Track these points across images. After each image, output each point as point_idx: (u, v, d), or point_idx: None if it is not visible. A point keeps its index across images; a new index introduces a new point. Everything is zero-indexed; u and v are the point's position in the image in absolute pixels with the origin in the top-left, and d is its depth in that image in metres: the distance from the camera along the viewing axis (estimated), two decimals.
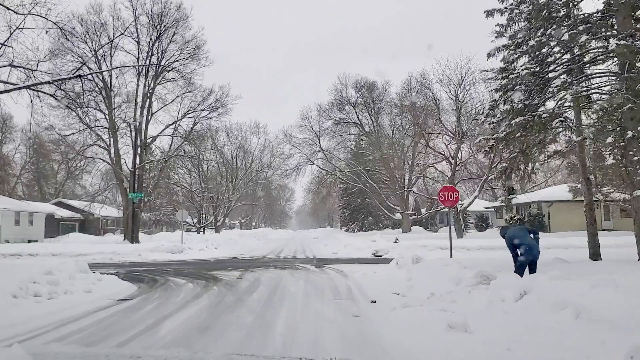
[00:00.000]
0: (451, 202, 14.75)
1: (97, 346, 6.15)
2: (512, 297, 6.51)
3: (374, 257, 23.07)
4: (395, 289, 10.63)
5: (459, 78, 30.43)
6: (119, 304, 9.67)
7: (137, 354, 4.39)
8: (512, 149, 11.69)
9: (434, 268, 10.65)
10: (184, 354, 4.27)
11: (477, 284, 7.95)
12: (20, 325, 7.38)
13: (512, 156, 11.79)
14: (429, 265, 11.06)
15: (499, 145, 11.72)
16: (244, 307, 8.89)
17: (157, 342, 6.27)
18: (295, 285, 12.20)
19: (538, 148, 11.78)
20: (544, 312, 5.71)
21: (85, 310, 8.68)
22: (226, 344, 6.19)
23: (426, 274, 10.61)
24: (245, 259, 22.75)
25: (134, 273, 16.69)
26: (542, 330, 5.35)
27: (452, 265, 10.29)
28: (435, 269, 10.54)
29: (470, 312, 6.66)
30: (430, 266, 10.96)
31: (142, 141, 34.55)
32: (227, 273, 15.53)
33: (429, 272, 10.60)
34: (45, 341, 6.43)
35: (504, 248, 23.52)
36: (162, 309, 8.91)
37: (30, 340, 6.40)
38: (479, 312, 6.57)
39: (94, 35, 33.23)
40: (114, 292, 11.63)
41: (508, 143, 11.26)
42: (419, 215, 44.83)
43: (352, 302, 9.44)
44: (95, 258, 23.20)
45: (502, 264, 8.98)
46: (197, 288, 11.93)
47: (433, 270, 10.51)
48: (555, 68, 10.22)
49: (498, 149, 12.18)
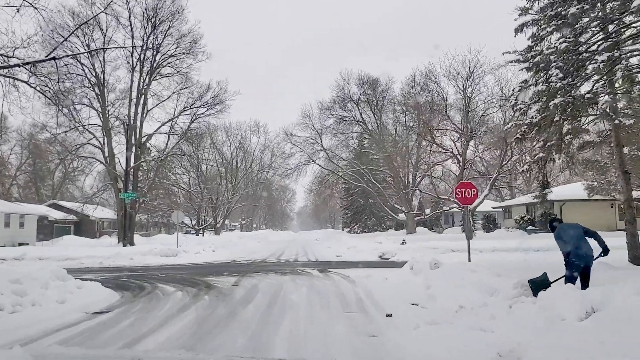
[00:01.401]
0: (469, 200, 13.35)
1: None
2: (575, 316, 5.10)
3: (380, 260, 21.63)
4: (413, 299, 9.22)
5: (467, 71, 29.06)
6: (91, 319, 8.27)
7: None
8: (547, 136, 10.28)
9: (457, 275, 9.23)
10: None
11: (518, 295, 6.53)
12: None
13: (548, 144, 10.35)
14: (451, 271, 9.64)
15: (531, 131, 10.31)
16: (237, 324, 7.48)
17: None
18: (297, 293, 10.79)
19: (573, 135, 10.36)
20: (628, 338, 4.29)
21: (46, 329, 7.27)
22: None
23: (448, 281, 9.18)
24: (244, 263, 21.34)
25: (121, 279, 15.33)
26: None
27: (480, 272, 8.87)
28: (458, 276, 9.12)
29: (519, 335, 5.24)
30: (452, 272, 9.54)
31: (136, 139, 33.15)
32: (222, 279, 14.12)
33: (452, 279, 9.18)
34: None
35: (519, 250, 22.41)
36: (139, 326, 7.50)
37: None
38: (532, 335, 5.15)
39: (86, 29, 31.82)
40: (92, 302, 10.25)
41: (542, 129, 9.86)
42: (425, 215, 43.34)
43: (364, 316, 8.03)
44: (84, 262, 21.86)
45: (532, 269, 7.56)
46: (186, 297, 10.53)
47: (456, 277, 9.09)
48: (597, 42, 8.84)
49: (529, 137, 10.76)
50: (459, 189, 13.38)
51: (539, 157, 10.95)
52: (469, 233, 29.07)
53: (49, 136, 33.61)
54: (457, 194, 13.35)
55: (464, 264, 11.08)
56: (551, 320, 5.27)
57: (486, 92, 29.71)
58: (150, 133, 34.46)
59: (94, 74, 32.60)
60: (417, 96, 36.69)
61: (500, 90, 28.41)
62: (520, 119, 10.78)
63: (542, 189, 12.82)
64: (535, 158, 11.15)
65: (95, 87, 32.68)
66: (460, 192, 13.33)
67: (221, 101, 35.47)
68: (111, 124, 32.92)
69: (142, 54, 32.69)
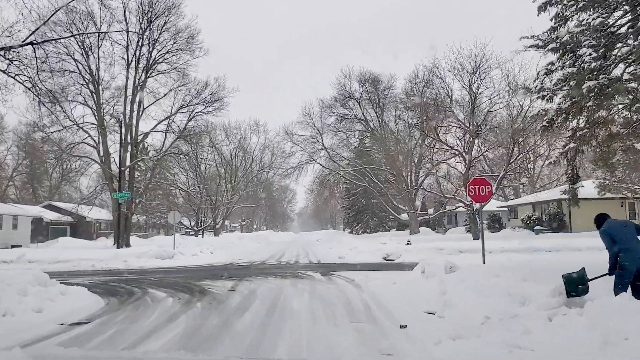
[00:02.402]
0: (483, 197, 12.39)
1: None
2: None
3: (385, 261, 20.67)
4: (427, 307, 8.27)
5: (472, 66, 28.07)
6: (66, 332, 7.33)
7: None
8: (577, 123, 9.32)
9: (477, 279, 8.27)
10: None
11: (558, 306, 5.58)
12: None
13: (580, 133, 9.40)
14: (469, 276, 8.68)
15: (558, 118, 9.35)
16: (229, 338, 6.53)
17: None
18: (298, 300, 9.84)
19: (605, 124, 9.40)
20: None
21: (7, 345, 6.30)
22: None
23: (466, 287, 8.23)
24: (242, 265, 20.39)
25: (111, 283, 14.40)
26: None
27: (504, 276, 7.90)
28: (478, 281, 8.16)
29: (567, 355, 4.29)
30: (471, 276, 8.58)
31: (132, 138, 32.20)
32: (217, 283, 13.17)
33: (471, 284, 8.22)
34: None
35: (530, 250, 21.42)
36: (118, 341, 6.55)
37: None
38: (586, 357, 4.19)
39: (80, 25, 30.92)
40: (73, 310, 9.34)
41: (571, 116, 8.91)
42: (431, 215, 42.36)
43: (374, 328, 7.08)
44: (75, 265, 20.93)
45: (561, 272, 6.58)
46: (177, 305, 9.58)
47: (476, 283, 8.13)
48: (628, 23, 7.91)
49: (555, 126, 9.77)
50: (473, 186, 12.42)
51: (569, 147, 9.97)
52: (475, 233, 28.09)
53: (42, 135, 32.57)
54: (471, 191, 12.39)
55: (478, 267, 10.11)
56: (608, 339, 4.32)
57: (492, 87, 28.76)
58: (147, 131, 33.54)
59: (89, 71, 31.69)
60: (420, 92, 35.71)
61: (507, 85, 27.46)
62: (545, 106, 9.81)
63: (572, 184, 11.84)
64: (566, 149, 10.16)
65: (90, 84, 31.77)
66: (474, 188, 12.37)
67: (219, 99, 34.56)
68: (106, 122, 31.98)
69: (138, 50, 31.81)
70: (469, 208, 29.19)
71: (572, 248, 20.56)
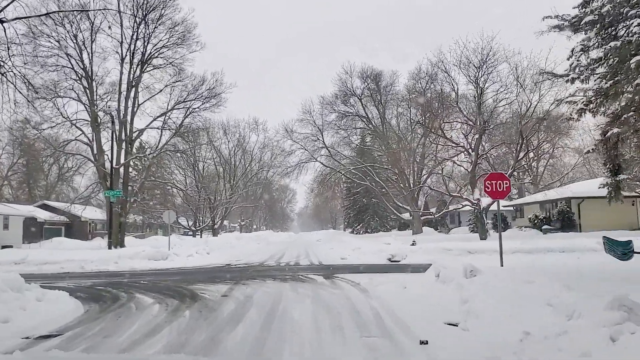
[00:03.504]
0: (501, 194, 11.35)
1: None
2: None
3: (390, 263, 19.63)
4: (448, 317, 7.21)
5: (479, 60, 26.98)
6: (28, 348, 6.26)
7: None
8: (619, 105, 8.25)
9: (504, 285, 7.22)
10: None
11: (621, 321, 4.51)
12: None
13: (626, 115, 8.33)
14: (494, 281, 7.62)
15: (597, 99, 8.29)
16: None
17: None
18: (299, 308, 8.77)
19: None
20: None
21: None
22: None
23: (492, 294, 7.18)
24: (240, 267, 19.34)
25: (97, 286, 13.37)
26: None
27: (540, 282, 6.82)
28: (506, 287, 7.10)
29: None
30: (496, 282, 7.52)
31: (127, 135, 31.10)
32: (211, 288, 12.11)
33: (497, 291, 7.17)
34: None
35: (543, 251, 20.31)
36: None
37: None
38: None
39: (72, 17, 29.84)
40: (46, 319, 8.31)
41: (612, 98, 7.86)
42: (435, 214, 41.26)
43: (389, 343, 6.03)
44: (63, 267, 19.88)
45: (604, 278, 5.58)
46: (162, 314, 8.53)
47: (503, 289, 7.08)
48: None
49: (591, 109, 8.70)
50: (489, 181, 11.37)
51: (612, 133, 8.89)
52: (482, 233, 26.97)
53: (34, 132, 31.49)
54: (487, 186, 11.34)
55: (502, 270, 9.05)
56: None
57: (500, 82, 27.68)
58: (142, 128, 32.41)
59: (82, 66, 30.58)
60: (423, 88, 34.66)
61: (515, 79, 26.37)
62: (581, 87, 8.75)
63: (614, 175, 10.72)
64: (609, 134, 9.06)
65: (83, 79, 30.65)
66: (491, 184, 11.32)
67: (217, 94, 33.41)
68: (100, 119, 30.88)
69: (133, 44, 30.71)
70: (476, 207, 28.11)
71: (587, 249, 19.46)
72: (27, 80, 14.94)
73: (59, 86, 30.04)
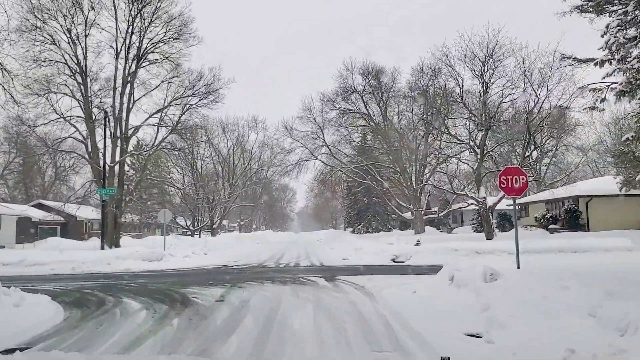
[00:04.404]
0: (517, 190, 10.53)
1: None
2: None
3: (395, 264, 18.80)
4: (468, 327, 6.39)
5: (484, 54, 26.10)
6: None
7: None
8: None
9: (533, 291, 6.39)
10: None
11: None
12: None
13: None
14: (518, 286, 6.79)
15: (636, 81, 7.46)
16: None
17: None
18: (300, 316, 7.94)
19: None
20: None
21: None
22: None
23: (518, 301, 6.35)
24: (237, 268, 18.51)
25: (84, 289, 12.56)
26: None
27: (575, 288, 5.99)
28: (534, 293, 6.28)
29: None
30: (521, 287, 6.69)
31: (122, 132, 30.23)
32: (205, 291, 11.29)
33: (523, 298, 6.35)
34: None
35: (554, 251, 19.44)
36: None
37: None
38: None
39: (66, 11, 29.00)
40: (19, 328, 7.52)
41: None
42: (439, 214, 40.44)
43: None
44: (53, 268, 19.02)
45: (624, 278, 4.79)
46: (148, 322, 7.71)
47: (531, 296, 6.26)
48: None
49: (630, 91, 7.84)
50: (504, 176, 10.53)
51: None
52: (488, 233, 26.13)
53: (25, 129, 30.63)
54: (502, 182, 10.51)
55: (528, 274, 8.20)
56: None
57: (505, 76, 26.80)
58: (138, 125, 31.53)
59: (76, 61, 29.71)
60: (426, 84, 33.76)
61: (522, 74, 25.48)
62: (619, 66, 7.90)
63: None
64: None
65: (77, 75, 29.80)
66: (507, 179, 10.48)
67: (214, 90, 32.51)
68: (94, 116, 30.02)
69: (128, 39, 29.83)
70: (482, 206, 27.26)
71: (601, 248, 18.58)
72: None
73: (52, 82, 29.22)
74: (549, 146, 38.92)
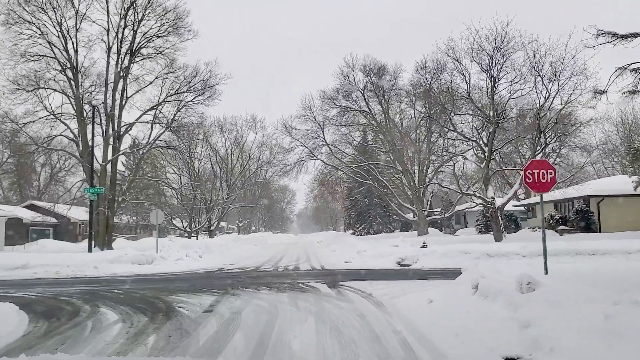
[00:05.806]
0: (545, 186, 9.35)
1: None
2: None
3: (401, 267, 17.57)
4: (504, 348, 5.20)
5: (492, 47, 24.91)
6: None
7: None
8: None
9: (586, 306, 5.19)
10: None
11: None
12: None
13: None
14: (566, 299, 5.59)
15: None
16: None
17: None
18: (300, 332, 6.72)
19: None
20: None
21: None
22: None
23: (569, 319, 5.15)
24: (232, 272, 17.30)
25: (61, 296, 11.35)
26: None
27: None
28: (590, 309, 5.08)
29: None
30: (570, 301, 5.49)
31: (114, 130, 29.04)
32: (193, 299, 10.08)
33: (574, 314, 5.15)
34: None
35: (571, 254, 18.18)
36: None
37: None
38: None
39: (55, 4, 27.81)
40: None
41: None
42: (444, 215, 39.22)
43: None
44: (36, 272, 17.82)
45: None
46: (120, 339, 6.51)
47: (586, 312, 5.05)
48: None
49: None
50: (530, 170, 9.34)
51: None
52: (497, 235, 24.86)
53: (14, 127, 29.44)
54: (528, 177, 9.32)
55: (560, 281, 7.00)
56: None
57: (514, 72, 25.63)
58: (131, 122, 30.33)
59: (66, 56, 28.53)
60: (431, 78, 32.54)
61: (533, 68, 24.32)
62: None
63: None
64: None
65: (68, 70, 28.62)
66: (532, 174, 9.30)
67: (211, 86, 31.30)
68: (86, 113, 28.82)
69: (121, 32, 28.65)
70: (490, 206, 26.04)
71: (621, 251, 17.32)
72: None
73: (41, 77, 28.05)
74: (556, 145, 37.67)
